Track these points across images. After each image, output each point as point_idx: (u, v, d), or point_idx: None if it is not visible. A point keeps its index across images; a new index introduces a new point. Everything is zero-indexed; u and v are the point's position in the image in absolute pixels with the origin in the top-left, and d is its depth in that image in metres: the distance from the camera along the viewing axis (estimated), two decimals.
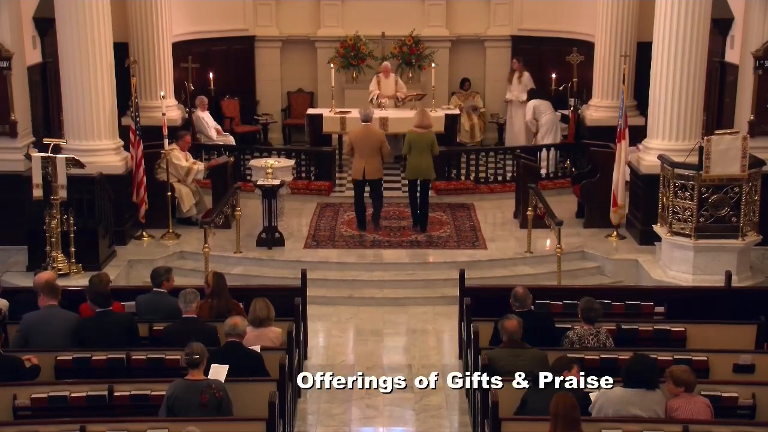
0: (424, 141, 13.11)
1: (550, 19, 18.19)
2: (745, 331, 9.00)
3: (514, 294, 8.70)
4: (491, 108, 18.62)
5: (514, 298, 8.67)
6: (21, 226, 12.06)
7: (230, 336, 7.93)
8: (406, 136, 13.40)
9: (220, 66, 18.11)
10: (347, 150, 13.66)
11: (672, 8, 11.86)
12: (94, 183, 12.06)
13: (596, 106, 16.07)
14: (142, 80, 15.05)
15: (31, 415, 7.52)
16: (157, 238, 13.16)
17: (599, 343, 8.40)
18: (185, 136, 13.93)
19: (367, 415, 9.20)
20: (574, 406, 6.48)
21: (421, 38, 18.31)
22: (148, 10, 15.34)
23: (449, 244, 13.08)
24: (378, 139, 13.25)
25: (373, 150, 13.16)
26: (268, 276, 12.29)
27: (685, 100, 12.06)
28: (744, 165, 11.05)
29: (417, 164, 13.17)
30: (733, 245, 11.31)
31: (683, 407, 7.10)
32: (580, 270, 12.54)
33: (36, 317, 8.41)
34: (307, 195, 15.04)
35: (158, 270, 9.21)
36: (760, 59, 12.71)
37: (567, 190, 14.92)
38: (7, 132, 12.74)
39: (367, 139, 13.19)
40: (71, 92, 12.35)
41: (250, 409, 7.50)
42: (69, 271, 11.44)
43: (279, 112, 18.97)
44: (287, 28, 18.87)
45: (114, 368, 8.12)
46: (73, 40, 12.11)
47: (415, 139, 13.14)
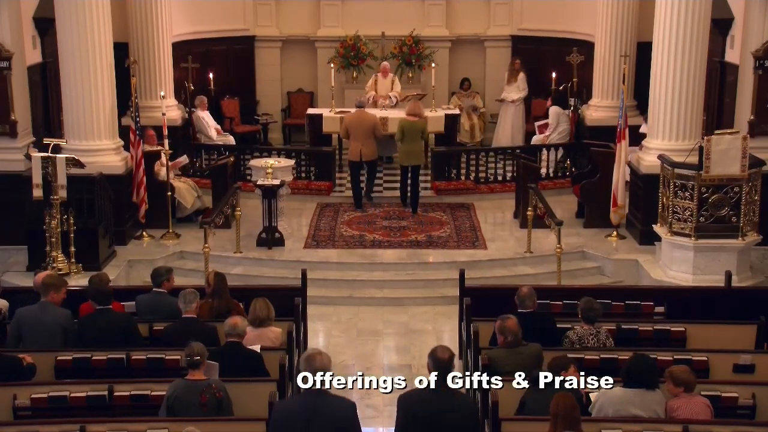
0: (416, 128, 14.04)
1: (550, 19, 18.19)
2: (745, 331, 9.00)
3: (518, 293, 8.70)
4: (491, 108, 18.62)
5: (517, 297, 8.68)
6: (21, 226, 12.07)
7: (230, 336, 7.93)
8: (399, 123, 14.25)
9: (220, 66, 18.11)
10: (343, 134, 14.69)
11: (672, 8, 11.86)
12: (94, 183, 12.07)
13: (596, 106, 16.08)
14: (142, 80, 15.05)
15: (31, 415, 7.51)
16: (157, 238, 13.16)
17: (599, 342, 8.40)
18: (147, 131, 13.77)
19: (367, 415, 9.20)
20: (574, 405, 6.47)
21: (421, 38, 18.31)
22: (148, 10, 15.34)
23: (449, 244, 13.09)
24: (371, 122, 14.25)
25: (368, 133, 14.15)
26: (268, 276, 12.29)
27: (685, 100, 12.06)
28: (744, 165, 11.05)
29: (409, 150, 14.07)
30: (733, 245, 11.32)
31: (683, 407, 7.10)
32: (580, 270, 12.55)
33: (28, 312, 8.41)
34: (307, 195, 15.04)
35: (159, 270, 9.21)
36: (760, 59, 12.71)
37: (567, 190, 14.92)
38: (7, 132, 12.74)
39: (361, 124, 14.18)
40: (71, 92, 12.36)
41: (250, 409, 7.50)
42: (69, 271, 11.44)
43: (279, 112, 18.97)
44: (287, 28, 18.87)
45: (114, 368, 8.11)
46: (73, 40, 12.12)
47: (407, 126, 14.01)
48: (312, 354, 6.27)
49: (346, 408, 6.15)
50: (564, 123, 16.23)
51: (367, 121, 14.30)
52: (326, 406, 6.05)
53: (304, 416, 6.03)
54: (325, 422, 5.96)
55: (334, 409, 6.07)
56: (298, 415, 6.09)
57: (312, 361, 6.18)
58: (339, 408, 6.11)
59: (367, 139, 14.16)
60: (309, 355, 6.29)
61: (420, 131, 14.12)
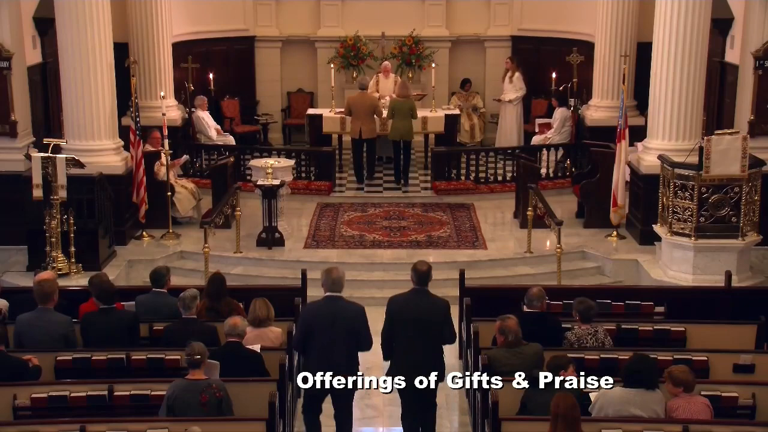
0: (405, 107, 15.27)
1: (550, 19, 18.19)
2: (745, 331, 9.00)
3: (528, 291, 8.68)
4: (491, 108, 18.62)
5: (526, 295, 8.66)
6: (21, 226, 12.07)
7: (230, 336, 7.93)
8: (389, 103, 15.60)
9: (220, 66, 18.12)
10: (346, 111, 15.69)
11: (672, 8, 11.86)
12: (94, 183, 12.07)
13: (596, 106, 16.07)
14: (142, 80, 15.05)
15: (31, 415, 7.52)
16: (157, 238, 13.16)
17: (598, 341, 8.39)
18: (153, 133, 13.83)
19: (367, 415, 9.20)
20: (575, 405, 6.48)
21: (421, 38, 18.32)
22: (148, 10, 15.33)
23: (449, 244, 13.09)
24: (372, 103, 15.45)
25: (369, 112, 15.29)
26: (268, 276, 12.29)
27: (685, 100, 12.06)
28: (744, 165, 11.04)
29: (399, 126, 15.27)
30: (733, 245, 11.31)
31: (683, 407, 7.10)
32: (580, 270, 12.55)
33: (28, 320, 8.38)
34: (307, 195, 15.05)
35: (159, 271, 9.18)
36: (760, 59, 12.72)
37: (567, 190, 14.93)
38: (7, 132, 12.75)
39: (363, 103, 15.34)
40: (71, 92, 12.35)
41: (250, 409, 7.50)
42: (69, 271, 11.45)
43: (279, 112, 18.97)
44: (287, 28, 18.88)
45: (114, 368, 8.11)
46: (73, 40, 12.11)
47: (397, 105, 15.30)
48: (330, 268, 8.09)
49: (357, 310, 8.00)
50: (568, 125, 16.23)
51: (368, 100, 15.49)
52: (343, 309, 7.91)
53: (328, 314, 7.86)
54: (345, 317, 7.87)
55: (350, 311, 7.93)
56: (324, 313, 7.88)
57: (330, 272, 7.98)
58: (352, 311, 7.97)
59: (368, 118, 15.24)
60: (328, 268, 8.09)
61: (409, 109, 15.28)
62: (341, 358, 7.78)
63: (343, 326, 7.82)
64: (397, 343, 7.96)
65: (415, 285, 8.06)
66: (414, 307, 7.96)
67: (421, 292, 8.04)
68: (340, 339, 7.79)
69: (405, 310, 7.99)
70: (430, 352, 7.94)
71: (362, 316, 7.94)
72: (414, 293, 8.05)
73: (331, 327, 7.80)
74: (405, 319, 7.94)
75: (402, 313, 7.99)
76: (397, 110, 15.30)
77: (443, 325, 7.98)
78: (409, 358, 7.88)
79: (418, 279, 8.02)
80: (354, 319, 7.88)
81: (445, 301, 8.16)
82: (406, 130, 15.37)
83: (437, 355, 7.99)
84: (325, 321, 7.82)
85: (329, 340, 7.79)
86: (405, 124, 15.30)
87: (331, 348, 7.78)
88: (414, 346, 7.89)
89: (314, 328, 7.85)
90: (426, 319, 7.92)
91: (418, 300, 8.00)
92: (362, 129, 15.30)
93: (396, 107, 15.33)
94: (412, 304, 8.00)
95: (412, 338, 7.89)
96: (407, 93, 15.52)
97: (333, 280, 7.92)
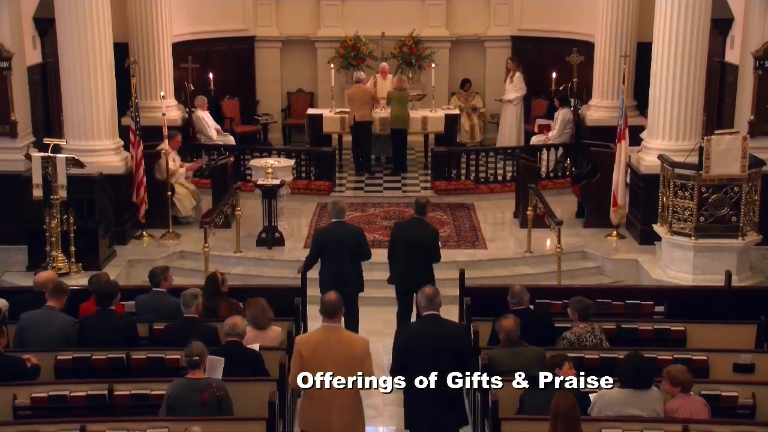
0: (403, 97, 16.20)
1: (550, 19, 18.19)
2: (745, 331, 9.00)
3: (511, 291, 8.70)
4: (491, 108, 18.62)
5: (510, 295, 8.67)
6: (21, 226, 12.07)
7: (230, 336, 7.93)
8: (388, 93, 16.44)
9: (220, 66, 18.12)
10: (347, 102, 16.61)
11: (672, 8, 11.86)
12: (94, 183, 12.07)
13: (596, 107, 16.07)
14: (142, 80, 15.05)
15: (31, 414, 7.52)
16: (157, 238, 13.16)
17: (596, 339, 8.38)
18: (176, 136, 13.87)
19: (367, 415, 9.15)
20: (575, 406, 6.47)
21: (421, 38, 18.32)
22: (148, 10, 15.34)
23: (449, 244, 13.08)
24: (368, 93, 16.44)
25: (365, 99, 16.23)
26: (268, 276, 12.29)
27: (685, 100, 12.06)
28: (744, 165, 11.05)
29: (398, 114, 16.08)
30: (733, 245, 11.31)
31: (683, 408, 7.09)
32: (580, 270, 12.55)
33: (32, 317, 8.40)
34: (307, 195, 15.05)
35: (155, 270, 9.21)
36: (760, 59, 12.72)
37: (567, 190, 14.93)
38: (7, 132, 12.76)
39: (360, 94, 16.26)
40: (71, 92, 12.36)
41: (250, 409, 7.50)
42: (69, 271, 11.46)
43: (279, 112, 18.98)
44: (287, 29, 18.88)
45: (114, 368, 8.11)
46: (73, 40, 12.12)
47: (395, 95, 16.18)
48: (336, 200, 10.74)
49: (359, 231, 10.45)
50: (569, 127, 16.23)
51: (365, 91, 16.48)
52: (348, 230, 10.32)
53: (337, 233, 10.17)
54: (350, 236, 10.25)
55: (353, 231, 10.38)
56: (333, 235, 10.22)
57: (336, 204, 10.29)
58: (355, 231, 10.43)
59: (363, 104, 16.15)
60: (334, 201, 10.84)
61: (406, 99, 16.35)
62: (350, 269, 10.03)
63: (348, 243, 10.03)
64: (396, 261, 10.25)
65: (415, 214, 10.29)
66: (410, 232, 10.17)
67: (418, 220, 10.23)
68: (346, 253, 10.02)
69: (404, 235, 10.20)
70: (421, 267, 10.05)
71: (362, 235, 10.31)
72: (412, 220, 10.38)
73: (340, 244, 9.98)
74: (404, 242, 10.14)
75: (401, 236, 10.22)
76: (395, 99, 16.11)
77: (431, 247, 10.12)
78: (405, 271, 10.17)
79: (417, 209, 10.26)
80: (357, 237, 10.19)
81: (435, 229, 10.49)
82: (405, 118, 16.14)
83: (428, 272, 10.06)
84: (334, 239, 10.03)
85: (339, 255, 9.99)
86: (403, 112, 16.11)
87: (342, 260, 9.99)
88: (409, 263, 10.11)
89: (326, 245, 10.06)
90: (419, 242, 10.07)
91: (415, 226, 10.23)
92: (356, 114, 16.02)
93: (394, 97, 16.14)
94: (410, 229, 10.24)
95: (408, 257, 10.12)
96: (404, 86, 16.29)
97: (338, 210, 10.19)
